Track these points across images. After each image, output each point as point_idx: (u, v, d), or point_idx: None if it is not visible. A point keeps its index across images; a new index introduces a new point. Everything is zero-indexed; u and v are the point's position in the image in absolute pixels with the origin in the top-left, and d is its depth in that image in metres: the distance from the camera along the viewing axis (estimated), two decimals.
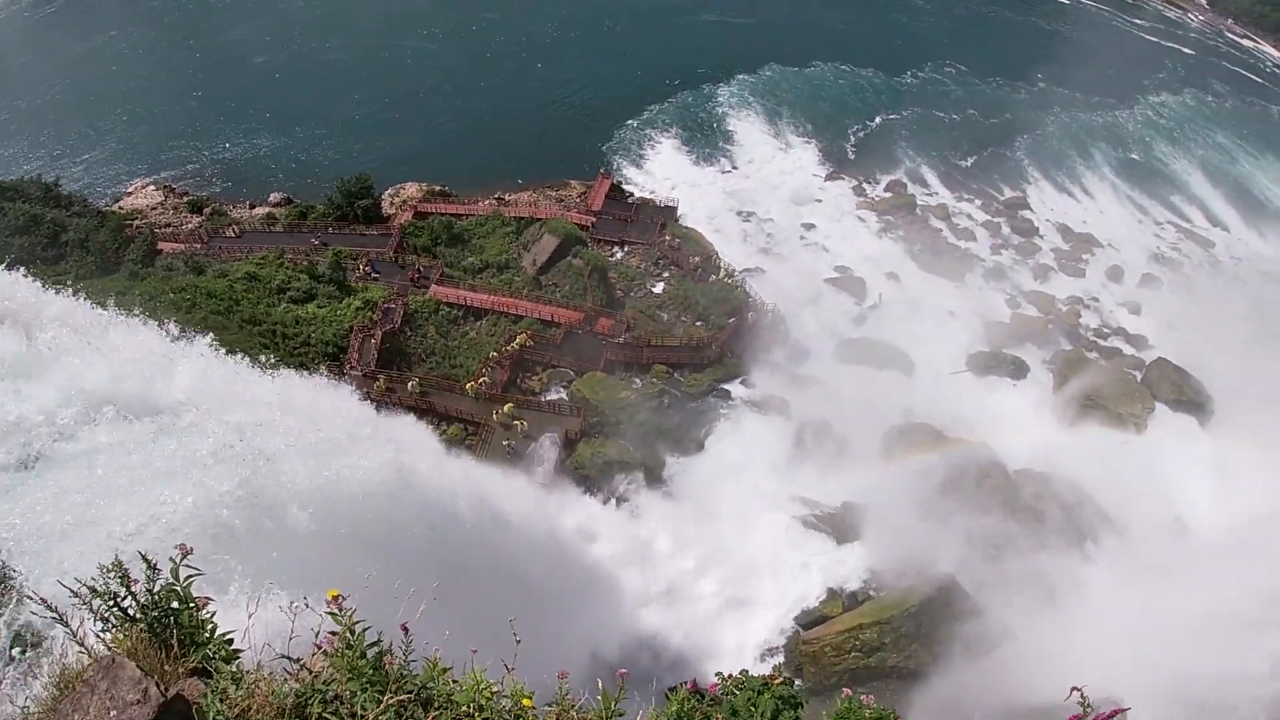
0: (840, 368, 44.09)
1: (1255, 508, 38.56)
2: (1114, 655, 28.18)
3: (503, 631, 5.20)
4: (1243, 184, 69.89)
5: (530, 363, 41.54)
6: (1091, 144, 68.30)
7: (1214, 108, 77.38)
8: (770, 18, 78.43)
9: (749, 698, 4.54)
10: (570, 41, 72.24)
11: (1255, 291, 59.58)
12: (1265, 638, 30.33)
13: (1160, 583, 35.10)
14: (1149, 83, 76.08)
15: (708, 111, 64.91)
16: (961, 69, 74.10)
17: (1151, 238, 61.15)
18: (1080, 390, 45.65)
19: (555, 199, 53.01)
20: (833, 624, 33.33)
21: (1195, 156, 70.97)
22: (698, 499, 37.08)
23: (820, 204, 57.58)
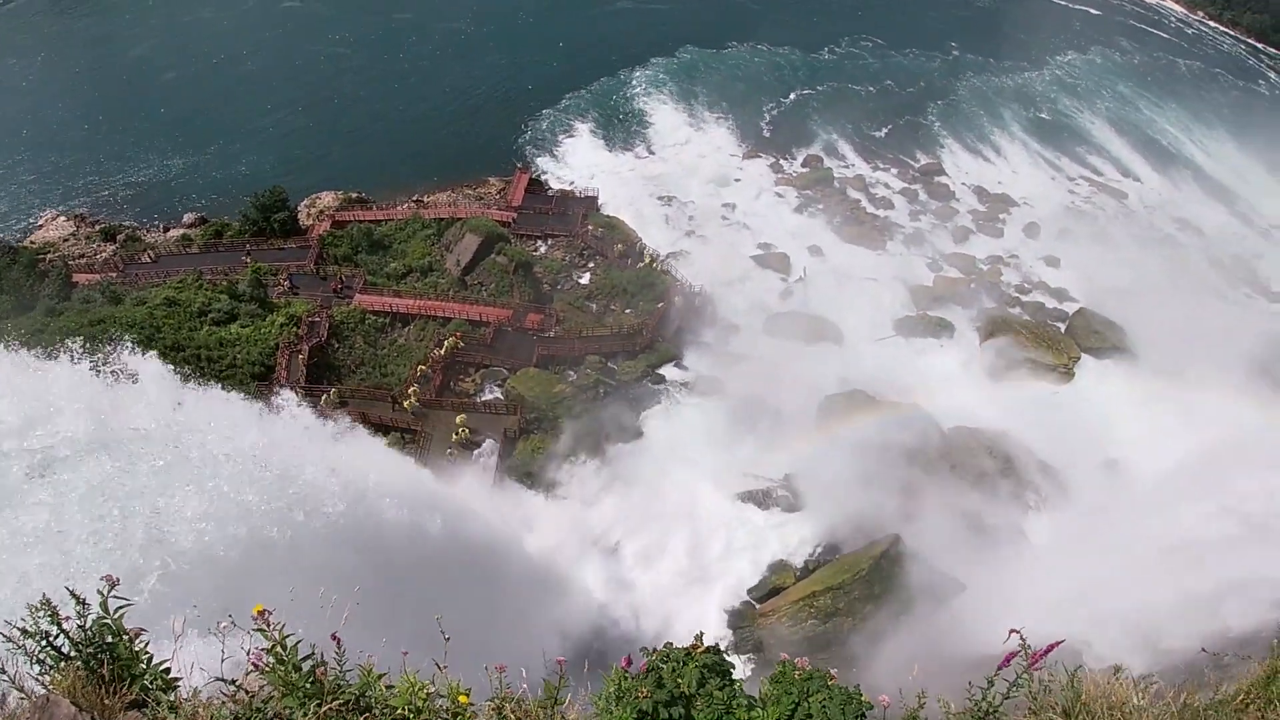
0: (771, 343, 44.45)
1: (1184, 443, 39.75)
2: (1061, 596, 29.14)
3: (448, 633, 5.27)
4: (1152, 135, 72.18)
5: (462, 364, 41.13)
6: (1002, 106, 69.85)
7: (1120, 64, 79.71)
8: (686, 2, 78.63)
9: (674, 668, 4.59)
10: (484, 36, 71.57)
11: (1170, 237, 61.76)
12: (1202, 567, 30.88)
13: (1099, 523, 36.46)
14: (1057, 43, 78.16)
15: (624, 98, 64.72)
16: (879, 42, 75.22)
17: (1065, 193, 62.74)
18: (1007, 345, 46.68)
19: (474, 197, 52.45)
20: (787, 594, 33.86)
21: (1104, 112, 73.08)
22: (642, 485, 37.19)
23: (739, 183, 57.83)
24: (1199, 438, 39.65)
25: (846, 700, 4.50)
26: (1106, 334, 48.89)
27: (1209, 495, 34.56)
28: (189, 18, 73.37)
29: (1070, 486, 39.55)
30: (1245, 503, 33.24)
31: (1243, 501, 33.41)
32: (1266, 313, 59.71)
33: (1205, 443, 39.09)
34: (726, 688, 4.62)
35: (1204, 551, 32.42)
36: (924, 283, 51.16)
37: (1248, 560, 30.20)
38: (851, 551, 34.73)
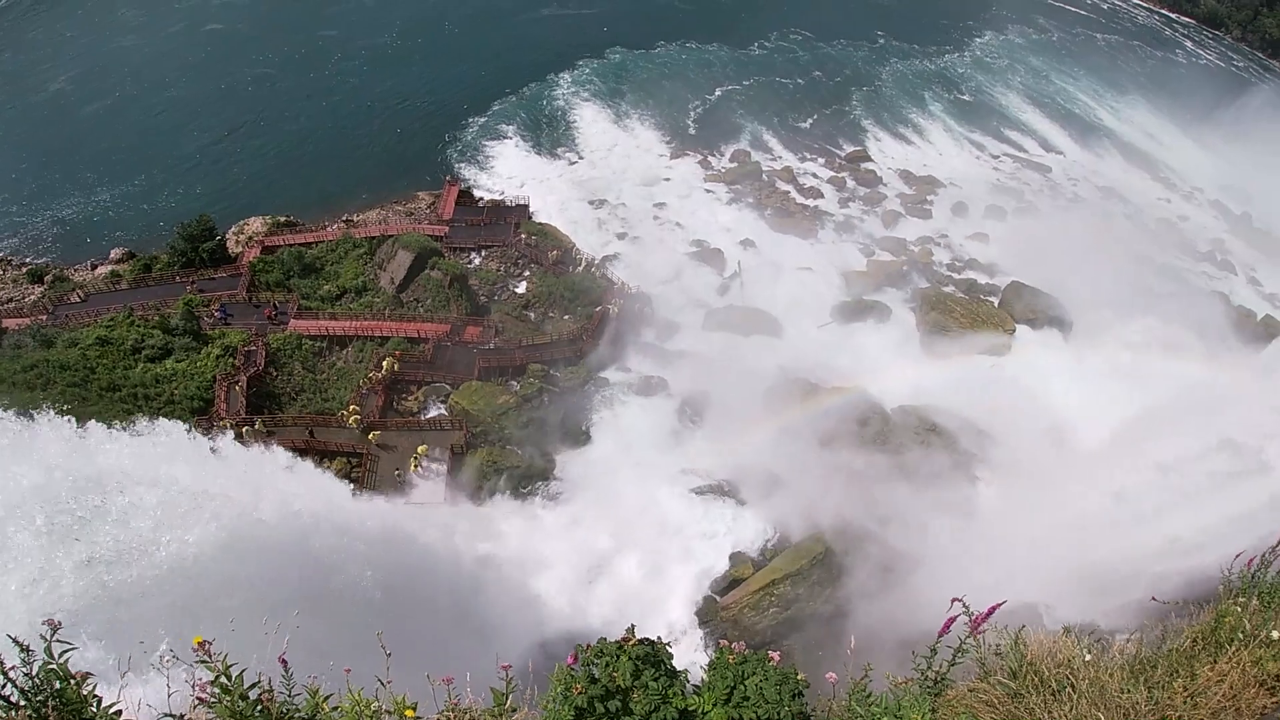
0: (711, 338, 44.77)
1: (1121, 405, 41.04)
2: (1013, 562, 29.98)
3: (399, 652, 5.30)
4: (1071, 109, 74.18)
5: (404, 383, 40.64)
6: (925, 90, 71.31)
7: (1039, 42, 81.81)
8: (614, 5, 78.92)
9: (608, 663, 4.64)
10: (411, 49, 71.11)
11: (1095, 206, 63.45)
12: (1145, 522, 32.43)
13: (1045, 489, 37.19)
14: (976, 26, 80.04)
15: (551, 104, 64.74)
16: (807, 35, 76.33)
17: (990, 171, 64.23)
18: (943, 323, 47.63)
19: (405, 213, 51.95)
20: (747, 585, 34.05)
21: (1024, 89, 74.94)
22: (594, 489, 37.20)
23: (669, 182, 58.07)
24: (1135, 399, 40.92)
25: (782, 680, 4.57)
26: (1039, 305, 49.96)
27: (1147, 454, 36.02)
28: (109, 46, 71.75)
29: (1014, 456, 40.06)
30: (1181, 458, 34.68)
31: (1179, 457, 34.82)
32: (1194, 273, 61.78)
33: (1141, 403, 40.47)
34: (662, 678, 4.66)
35: (1146, 507, 33.62)
36: (857, 268, 51.98)
37: (1188, 512, 31.44)
38: (806, 537, 35.13)
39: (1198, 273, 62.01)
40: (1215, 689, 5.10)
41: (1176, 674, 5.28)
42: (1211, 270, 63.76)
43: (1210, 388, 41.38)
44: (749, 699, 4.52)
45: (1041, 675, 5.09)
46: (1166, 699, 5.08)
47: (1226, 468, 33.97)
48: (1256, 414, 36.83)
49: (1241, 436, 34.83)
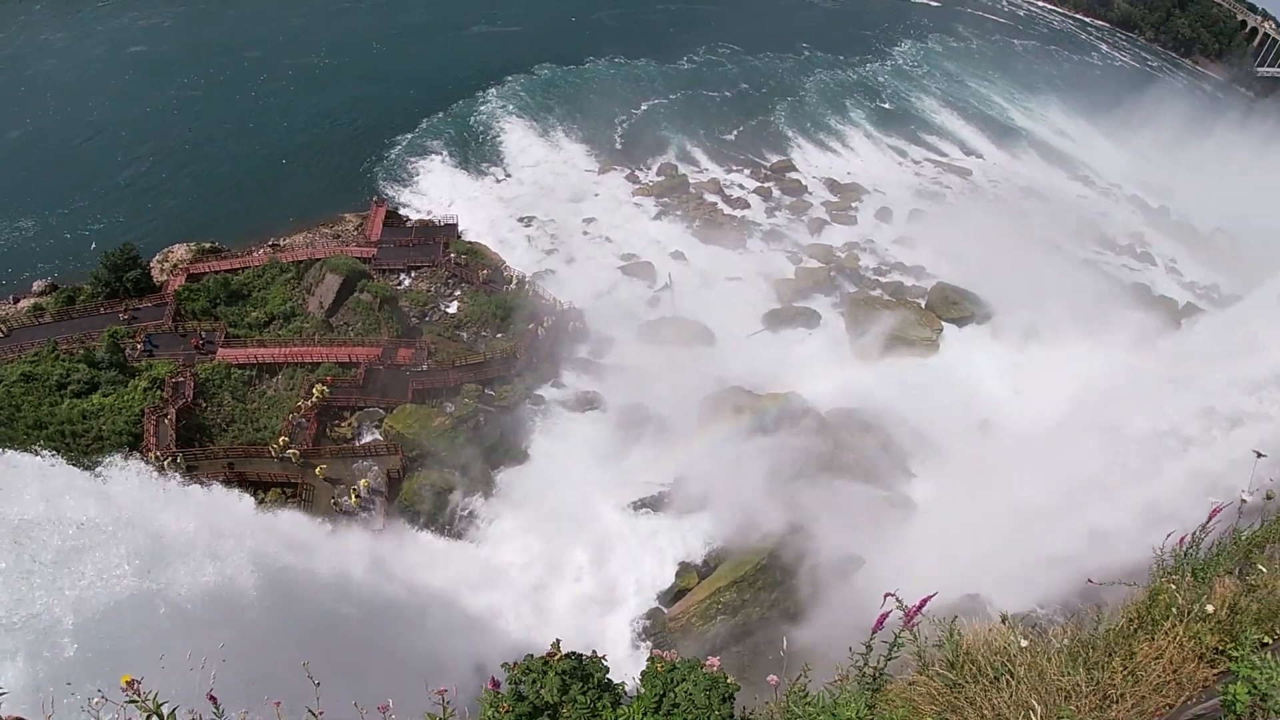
0: (645, 351, 44.98)
1: (1048, 395, 42.20)
2: (953, 554, 30.42)
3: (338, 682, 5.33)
4: (990, 114, 76.67)
5: (336, 409, 39.98)
6: (847, 99, 73.10)
7: (958, 49, 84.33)
8: (543, 23, 79.52)
9: (534, 680, 4.61)
10: (338, 69, 70.54)
11: (1015, 206, 65.54)
12: (1078, 508, 31.88)
13: (981, 482, 37.64)
14: (897, 36, 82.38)
15: (479, 121, 64.71)
16: (735, 48, 77.74)
17: (912, 176, 66.01)
18: (872, 326, 48.66)
19: (332, 235, 51.20)
20: (693, 595, 34.16)
21: (943, 96, 77.26)
22: (534, 508, 36.88)
23: (597, 197, 58.37)
24: (1061, 390, 41.87)
25: (711, 684, 4.55)
26: (965, 303, 51.31)
27: (1075, 442, 36.07)
28: (29, 72, 69.80)
29: (948, 451, 41.15)
30: (1108, 444, 34.69)
31: (1106, 444, 34.98)
32: (1116, 266, 64.09)
33: (1067, 393, 41.29)
34: (591, 691, 4.63)
35: (1079, 492, 34.41)
36: (786, 276, 52.81)
37: (1120, 495, 31.63)
38: (749, 543, 35.22)
39: (1119, 265, 64.33)
40: (1154, 665, 5.15)
41: (1114, 653, 5.32)
42: (1132, 262, 66.20)
43: (1134, 374, 42.00)
44: (679, 705, 4.53)
45: (979, 664, 5.15)
46: (1106, 679, 5.11)
47: (1152, 450, 33.83)
48: (1178, 396, 38.24)
49: (1165, 419, 34.80)
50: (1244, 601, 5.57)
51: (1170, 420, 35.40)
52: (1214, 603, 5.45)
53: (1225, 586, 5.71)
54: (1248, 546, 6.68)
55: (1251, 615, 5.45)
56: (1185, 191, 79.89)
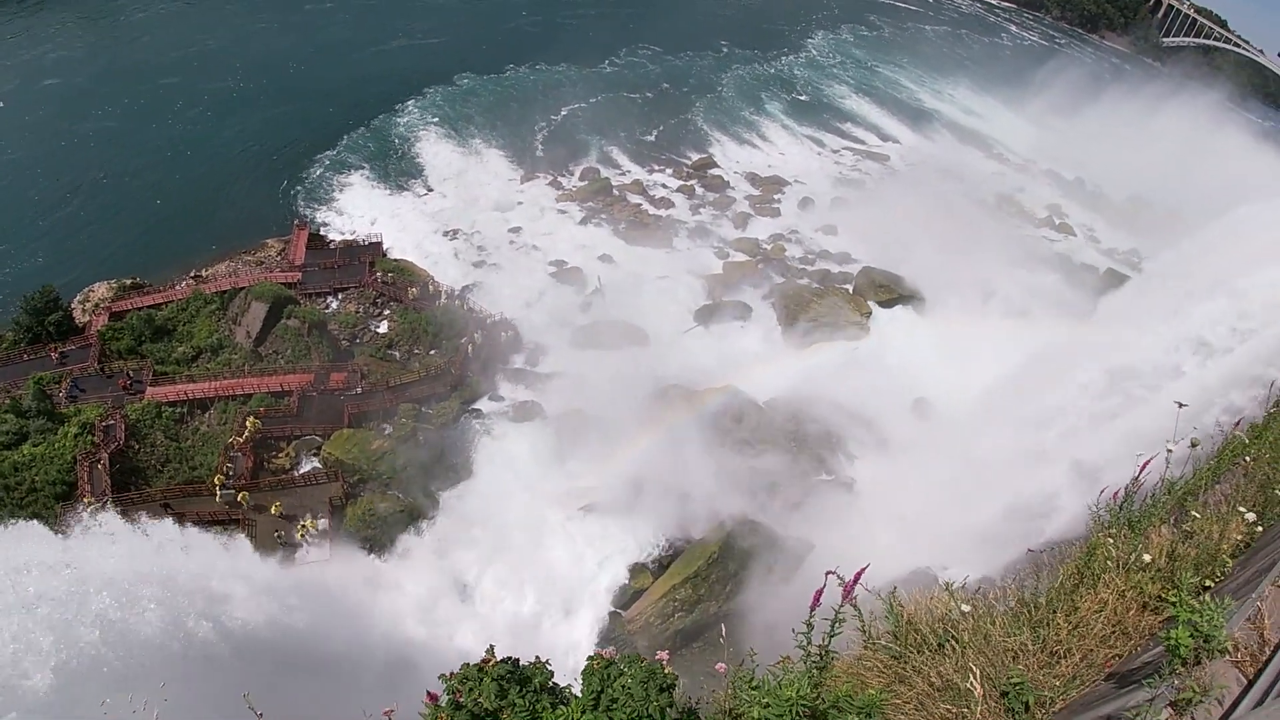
0: (580, 356, 45.19)
1: (978, 369, 43.38)
2: (900, 532, 31.40)
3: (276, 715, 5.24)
4: (904, 99, 78.68)
5: (272, 440, 39.53)
6: (763, 93, 74.30)
7: (871, 38, 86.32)
8: (464, 33, 79.26)
9: (471, 687, 4.57)
10: (256, 91, 69.20)
11: (933, 187, 67.24)
12: (1012, 478, 33.17)
13: (920, 459, 39.04)
14: (811, 28, 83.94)
15: (399, 137, 64.11)
16: (656, 49, 78.47)
17: (832, 165, 67.51)
18: (802, 314, 49.58)
19: (255, 262, 50.20)
20: (648, 595, 34.61)
21: (858, 85, 79.06)
22: (481, 523, 36.87)
23: (522, 206, 58.31)
24: (992, 362, 43.17)
25: (649, 676, 4.56)
26: (891, 286, 52.63)
27: (1010, 411, 37.61)
28: None
29: (885, 431, 42.31)
30: (1040, 411, 35.92)
31: (1038, 411, 36.09)
32: (1036, 238, 66.23)
33: (998, 365, 42.66)
34: (530, 694, 4.63)
35: (1013, 463, 35.29)
36: (715, 271, 53.51)
37: (1051, 464, 32.29)
38: (700, 538, 35.81)
39: (1039, 238, 66.43)
40: (1098, 617, 5.26)
41: (1057, 610, 5.42)
42: (1052, 234, 68.50)
43: (1061, 342, 43.16)
44: (617, 700, 4.51)
45: (922, 634, 5.25)
46: (1052, 636, 5.20)
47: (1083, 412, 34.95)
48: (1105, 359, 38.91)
49: (1093, 383, 35.91)
50: (1182, 548, 5.83)
51: (1097, 383, 36.32)
52: (1151, 552, 5.63)
53: (1162, 536, 5.95)
54: (1182, 495, 7.02)
55: (1191, 561, 5.70)
56: (1098, 162, 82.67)
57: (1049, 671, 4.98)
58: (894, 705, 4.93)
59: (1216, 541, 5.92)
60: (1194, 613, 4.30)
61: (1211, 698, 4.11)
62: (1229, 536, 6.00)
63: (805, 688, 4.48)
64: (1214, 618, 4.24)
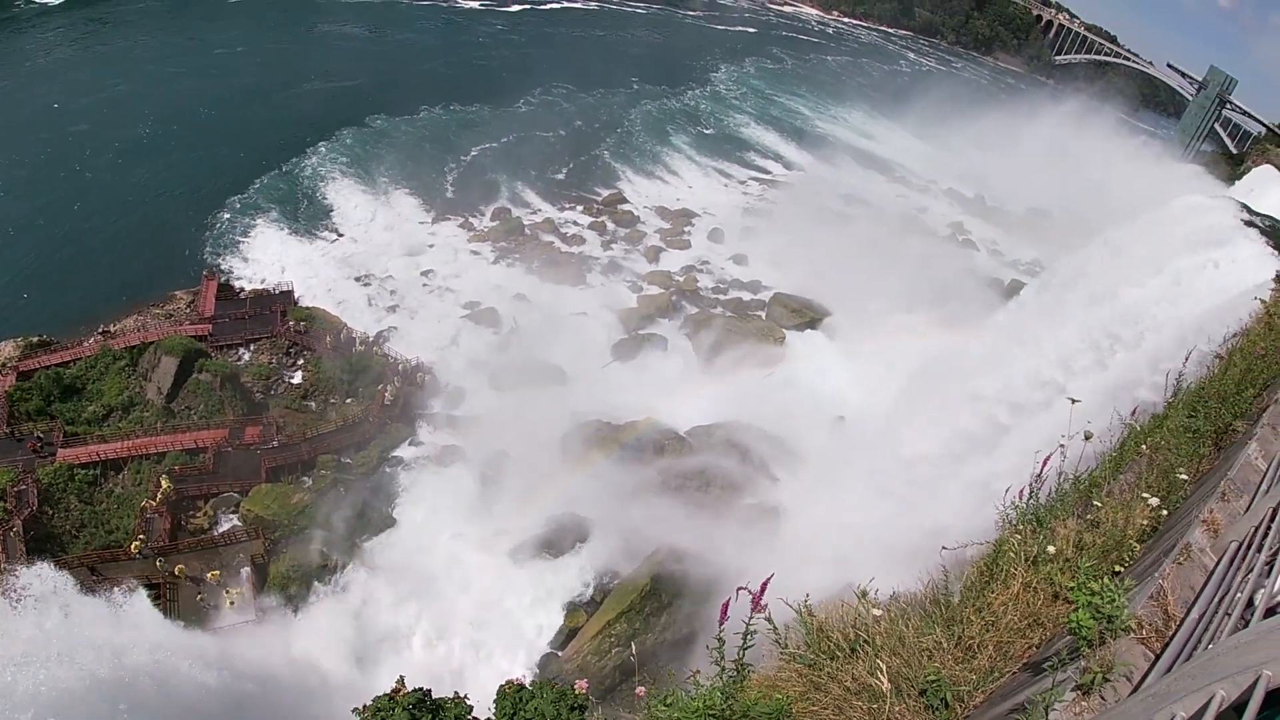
0: (499, 397, 45.42)
1: (893, 386, 44.22)
2: (827, 548, 30.55)
3: None
4: (807, 129, 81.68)
5: (189, 499, 38.68)
6: (669, 127, 76.29)
7: (775, 71, 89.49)
8: (376, 75, 79.44)
9: (383, 717, 4.79)
10: (166, 137, 67.97)
11: (839, 212, 70.04)
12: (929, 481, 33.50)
13: (841, 474, 39.46)
14: (715, 62, 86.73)
15: (309, 181, 63.45)
16: (570, 87, 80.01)
17: (739, 195, 69.74)
18: (718, 343, 51.00)
19: (164, 315, 49.19)
20: (584, 633, 34.65)
21: (762, 116, 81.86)
22: (408, 573, 36.67)
23: (434, 248, 58.31)
24: (905, 375, 44.23)
25: (559, 697, 4.80)
26: (803, 310, 54.58)
27: (924, 422, 37.53)
28: None
29: (807, 451, 43.22)
30: (954, 419, 35.99)
31: (952, 420, 36.10)
32: (939, 255, 68.95)
33: (911, 378, 43.43)
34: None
35: (928, 468, 36.74)
36: (629, 305, 54.62)
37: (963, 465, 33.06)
38: (630, 573, 35.89)
39: (944, 255, 69.08)
40: (1009, 611, 5.35)
41: (969, 607, 5.51)
42: (956, 250, 71.39)
43: (969, 352, 43.30)
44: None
45: (835, 640, 5.34)
46: (966, 632, 5.28)
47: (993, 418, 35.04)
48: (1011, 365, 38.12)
49: (1002, 389, 36.20)
50: (1089, 537, 6.00)
51: (1004, 389, 37.34)
52: (1057, 543, 5.76)
53: (1068, 527, 6.08)
54: (1087, 488, 7.20)
55: (1098, 548, 5.88)
56: (997, 178, 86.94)
57: (965, 666, 5.09)
58: (811, 711, 5.04)
59: (1122, 528, 6.16)
60: (1093, 595, 4.39)
61: (1119, 675, 4.23)
62: (1134, 522, 6.25)
63: (715, 699, 4.67)
64: (1114, 598, 4.36)
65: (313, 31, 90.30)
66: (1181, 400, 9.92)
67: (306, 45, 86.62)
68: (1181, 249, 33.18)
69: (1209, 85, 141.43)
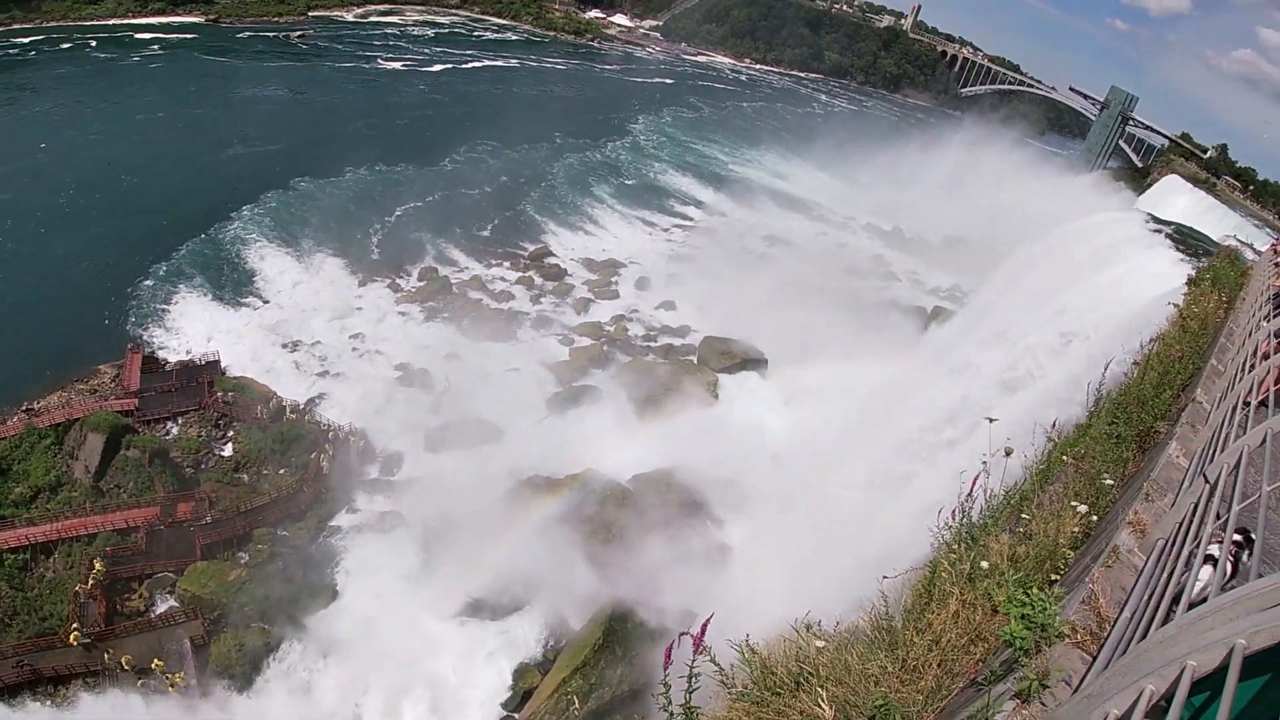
0: (436, 459, 45.38)
1: (827, 418, 45.83)
2: (777, 585, 30.76)
3: None
4: (725, 174, 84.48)
5: (124, 581, 37.83)
6: (591, 179, 78.06)
7: (692, 119, 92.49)
8: (301, 138, 79.51)
9: None
10: (88, 206, 66.66)
11: (762, 253, 72.52)
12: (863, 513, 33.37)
13: (783, 511, 40.09)
14: (633, 114, 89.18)
15: (233, 248, 62.61)
16: (495, 144, 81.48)
17: (664, 243, 71.59)
18: (651, 390, 51.61)
19: (89, 391, 48.25)
20: (540, 692, 34.28)
21: (682, 164, 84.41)
22: (355, 645, 36.12)
23: (362, 311, 57.97)
24: (838, 409, 45.74)
25: None
26: (733, 352, 55.65)
27: (860, 453, 38.80)
28: None
29: (748, 490, 43.60)
30: (886, 448, 37.05)
31: (885, 448, 37.15)
32: (864, 288, 71.52)
33: (844, 411, 45.09)
34: None
35: (867, 497, 35.05)
36: (561, 358, 55.19)
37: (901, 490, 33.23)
38: (581, 627, 35.82)
39: (867, 288, 71.59)
40: (950, 628, 5.39)
41: (910, 629, 5.54)
42: (878, 282, 73.94)
43: (901, 379, 45.73)
44: None
45: (779, 676, 5.30)
46: (909, 654, 5.31)
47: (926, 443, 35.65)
48: (943, 389, 39.18)
49: (933, 413, 37.01)
50: (1022, 549, 6.09)
51: (932, 415, 37.36)
52: (990, 559, 5.83)
53: (1001, 542, 6.15)
54: (1019, 502, 7.36)
55: (1032, 559, 5.98)
56: (913, 210, 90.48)
57: (912, 688, 5.13)
58: None
59: (1054, 537, 6.25)
60: (1024, 606, 4.42)
61: (1058, 680, 4.26)
62: (1065, 530, 6.35)
63: None
64: (1046, 607, 4.39)
65: (234, 95, 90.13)
66: (1103, 408, 10.30)
67: (229, 109, 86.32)
68: (1094, 263, 35.17)
69: (1111, 104, 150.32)
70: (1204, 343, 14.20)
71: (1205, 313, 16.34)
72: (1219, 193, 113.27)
